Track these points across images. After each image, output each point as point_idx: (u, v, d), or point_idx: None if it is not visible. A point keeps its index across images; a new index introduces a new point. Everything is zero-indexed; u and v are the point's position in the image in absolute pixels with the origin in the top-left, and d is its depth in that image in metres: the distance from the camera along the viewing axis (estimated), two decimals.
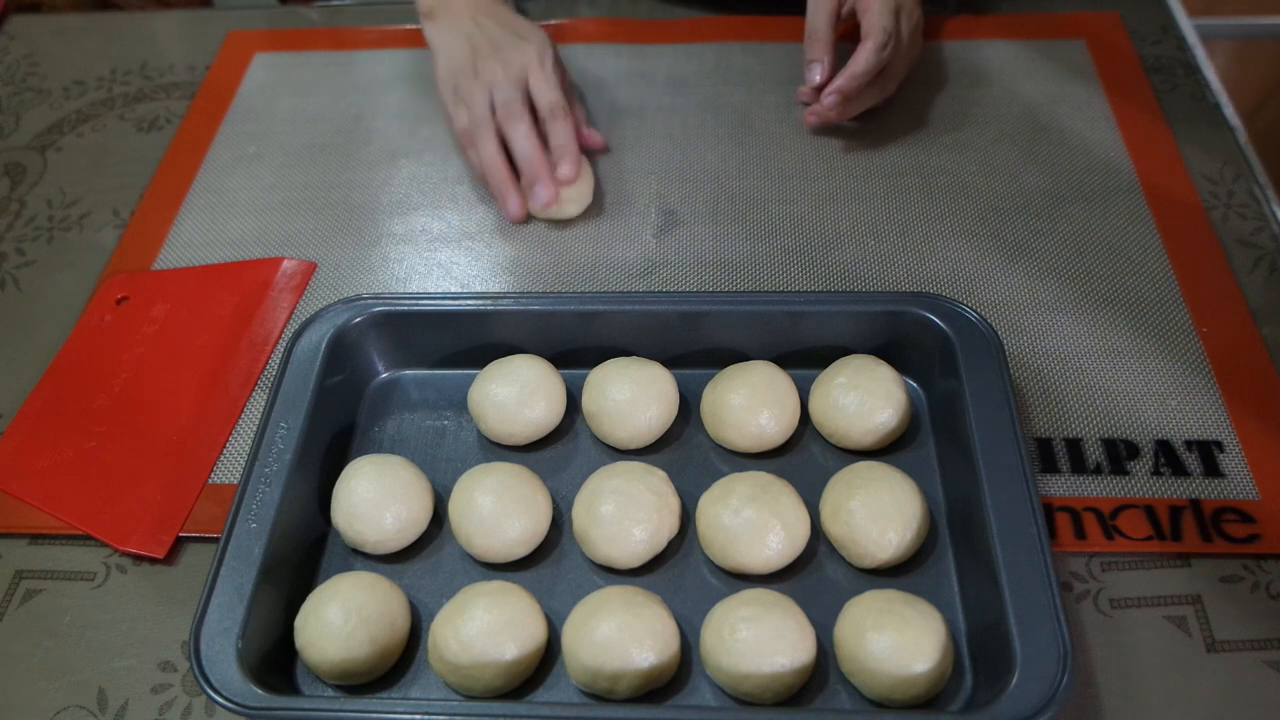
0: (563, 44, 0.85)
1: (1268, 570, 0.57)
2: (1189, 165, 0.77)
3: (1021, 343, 0.67)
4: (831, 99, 0.76)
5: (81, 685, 0.56)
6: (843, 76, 0.75)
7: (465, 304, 0.64)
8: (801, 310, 0.63)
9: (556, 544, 0.59)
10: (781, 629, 0.51)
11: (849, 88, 0.75)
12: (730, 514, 0.56)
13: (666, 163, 0.81)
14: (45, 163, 0.86)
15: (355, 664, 0.52)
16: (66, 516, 0.62)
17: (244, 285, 0.74)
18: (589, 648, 0.52)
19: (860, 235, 0.74)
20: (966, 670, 0.53)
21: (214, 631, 0.52)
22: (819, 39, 0.77)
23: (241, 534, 0.55)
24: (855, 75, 0.75)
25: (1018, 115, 0.82)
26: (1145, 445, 0.62)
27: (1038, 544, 0.52)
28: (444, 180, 0.81)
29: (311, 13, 0.99)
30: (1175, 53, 0.87)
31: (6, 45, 0.98)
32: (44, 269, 0.78)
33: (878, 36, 0.74)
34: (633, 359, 0.64)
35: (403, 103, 0.88)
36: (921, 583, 0.56)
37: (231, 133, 0.87)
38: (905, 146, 0.81)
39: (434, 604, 0.57)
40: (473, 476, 0.59)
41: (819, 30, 0.77)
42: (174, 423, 0.66)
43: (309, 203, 0.80)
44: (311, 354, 0.63)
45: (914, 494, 0.57)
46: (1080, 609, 0.56)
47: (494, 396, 0.62)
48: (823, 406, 0.61)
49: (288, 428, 0.59)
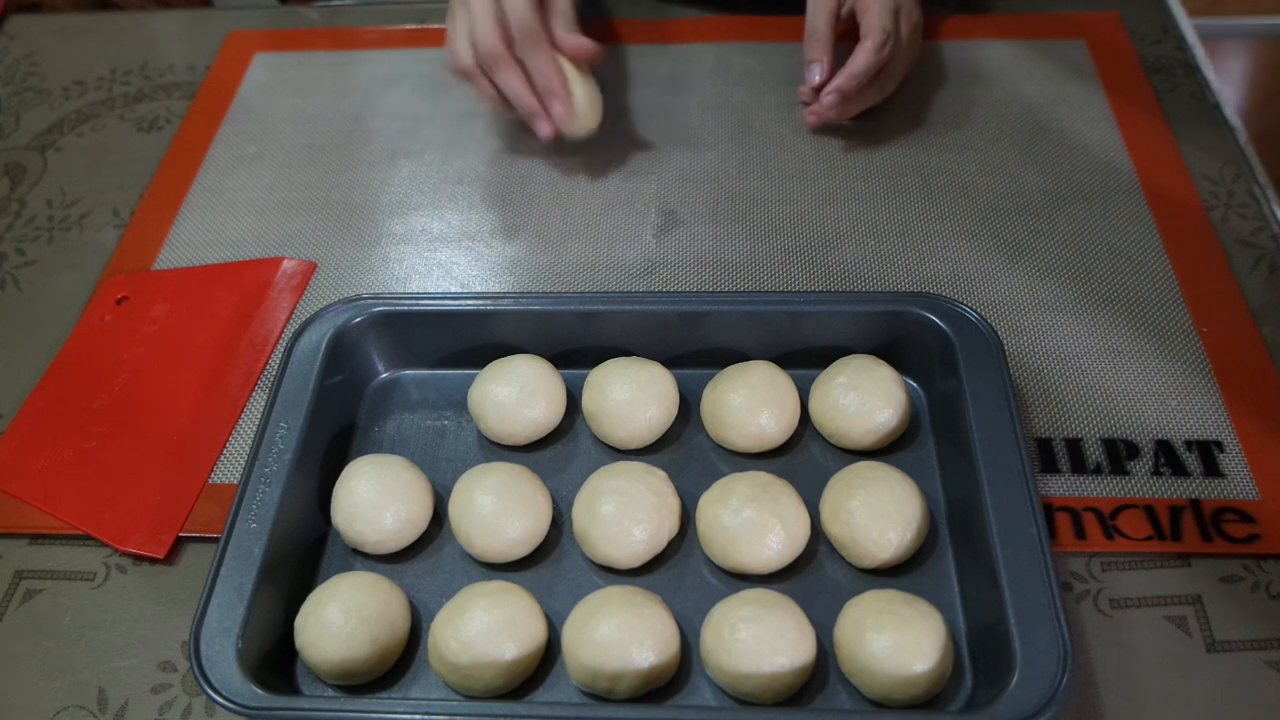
0: None
1: (1268, 570, 0.57)
2: (1189, 165, 0.77)
3: (1021, 343, 0.67)
4: (831, 98, 0.76)
5: (81, 685, 0.56)
6: (842, 76, 0.76)
7: (465, 304, 0.64)
8: (801, 310, 0.63)
9: (556, 544, 0.59)
10: (781, 629, 0.51)
11: (848, 87, 0.76)
12: (730, 514, 0.56)
13: (666, 163, 0.81)
14: (45, 163, 0.86)
15: (355, 664, 0.52)
16: (66, 516, 0.62)
17: (244, 285, 0.74)
18: (589, 648, 0.52)
19: (860, 235, 0.75)
20: (966, 670, 0.53)
21: (214, 631, 0.52)
22: (819, 39, 0.78)
23: (241, 534, 0.55)
24: (854, 74, 0.75)
25: (1018, 115, 0.82)
26: (1145, 445, 0.62)
27: (1038, 544, 0.52)
28: (444, 180, 0.81)
29: (311, 13, 0.99)
30: (1175, 53, 0.87)
31: (6, 45, 0.98)
32: (44, 269, 0.78)
33: (876, 36, 0.74)
34: (633, 359, 0.64)
35: (403, 103, 0.88)
36: (921, 583, 0.56)
37: (231, 133, 0.87)
38: (905, 146, 0.81)
39: (434, 604, 0.57)
40: (473, 476, 0.59)
41: (818, 30, 0.78)
42: (174, 423, 0.66)
43: (309, 203, 0.80)
44: (311, 354, 0.63)
45: (914, 494, 0.57)
46: (1080, 609, 0.56)
47: (494, 396, 0.62)
48: (823, 406, 0.61)
49: (288, 428, 0.59)
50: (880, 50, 0.75)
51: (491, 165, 0.82)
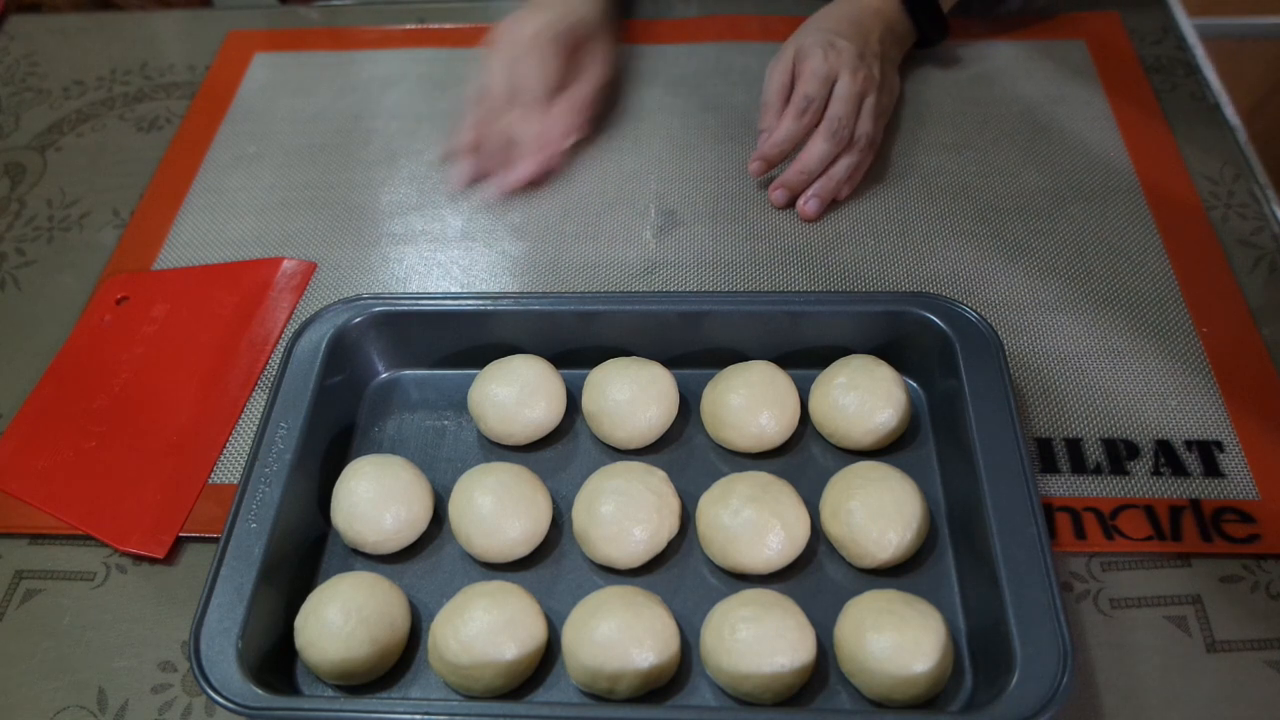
0: None
1: (1268, 570, 0.57)
2: (1189, 165, 0.77)
3: (1021, 343, 0.67)
4: (778, 194, 0.76)
5: (81, 685, 0.56)
6: (790, 170, 0.75)
7: (465, 304, 0.64)
8: (801, 310, 0.63)
9: (556, 544, 0.59)
10: (781, 629, 0.51)
11: (792, 180, 0.75)
12: (730, 514, 0.56)
13: (666, 163, 0.81)
14: (45, 163, 0.86)
15: (355, 664, 0.52)
16: (66, 516, 0.62)
17: (244, 285, 0.74)
18: (589, 648, 0.52)
19: (860, 235, 0.74)
20: (966, 670, 0.53)
21: (214, 631, 0.52)
22: (769, 109, 0.76)
23: (241, 534, 0.55)
24: (803, 169, 0.74)
25: (1018, 115, 0.82)
26: (1145, 445, 0.62)
27: (1038, 544, 0.52)
28: (444, 180, 0.81)
29: (311, 13, 0.99)
30: (1175, 53, 0.87)
31: (6, 45, 0.98)
32: (44, 269, 0.78)
33: (798, 104, 0.73)
34: (633, 359, 0.64)
35: (403, 103, 0.88)
36: (921, 583, 0.56)
37: (231, 133, 0.87)
38: (905, 146, 0.81)
39: (434, 604, 0.57)
40: (473, 476, 0.59)
41: (769, 101, 0.77)
42: (174, 423, 0.66)
43: (309, 203, 0.80)
44: (311, 354, 0.63)
45: (914, 494, 0.57)
46: (1080, 609, 0.56)
47: (494, 396, 0.62)
48: (823, 406, 0.61)
49: (288, 428, 0.59)
50: (800, 117, 0.73)
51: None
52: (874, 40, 0.77)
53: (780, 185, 0.76)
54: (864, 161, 0.76)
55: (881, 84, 0.77)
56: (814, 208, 0.75)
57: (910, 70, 0.86)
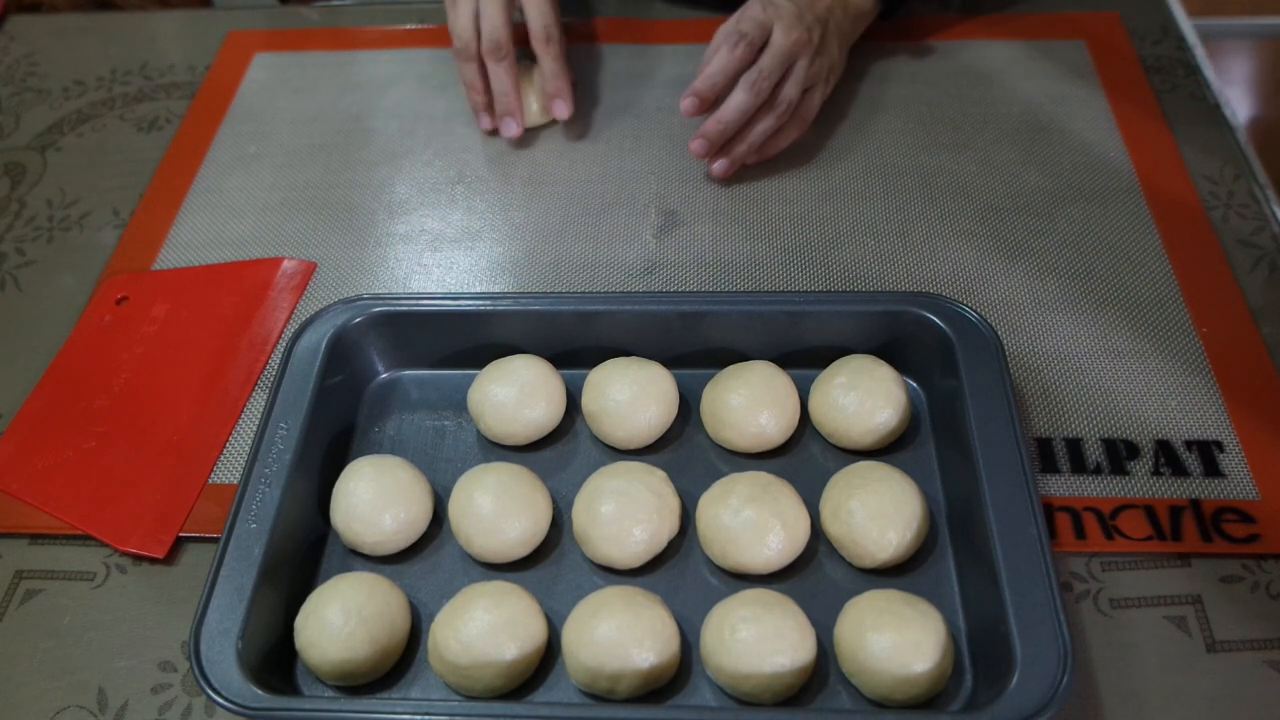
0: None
1: (1268, 570, 0.57)
2: (1189, 165, 0.77)
3: (1021, 343, 0.67)
4: (698, 144, 0.74)
5: (81, 685, 0.56)
6: (709, 121, 0.73)
7: (465, 304, 0.64)
8: (801, 310, 0.63)
9: (556, 544, 0.59)
10: (781, 629, 0.51)
11: (710, 131, 0.73)
12: (730, 514, 0.56)
13: (666, 163, 0.81)
14: (45, 163, 0.86)
15: (355, 665, 0.52)
16: (66, 516, 0.62)
17: (244, 285, 0.74)
18: (589, 648, 0.52)
19: (860, 235, 0.74)
20: (966, 670, 0.53)
21: (214, 632, 0.52)
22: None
23: (241, 534, 0.55)
24: (719, 119, 0.73)
25: (1018, 115, 0.82)
26: (1145, 445, 0.62)
27: (1038, 544, 0.52)
28: (444, 180, 0.81)
29: (311, 13, 0.99)
30: (1175, 53, 0.87)
31: (6, 45, 0.98)
32: (44, 269, 0.78)
33: (730, 38, 0.72)
34: (633, 359, 0.64)
35: (403, 103, 0.88)
36: (921, 583, 0.56)
37: (231, 133, 0.87)
38: (905, 146, 0.81)
39: (434, 604, 0.57)
40: (473, 476, 0.59)
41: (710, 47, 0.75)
42: (174, 423, 0.66)
43: (309, 203, 0.80)
44: (311, 354, 0.63)
45: (914, 494, 0.57)
46: (1080, 609, 0.56)
47: (494, 397, 0.62)
48: (823, 406, 0.61)
49: (288, 428, 0.59)
50: (733, 49, 0.71)
51: (491, 165, 0.82)
52: (820, 6, 0.76)
53: (700, 135, 0.74)
54: (786, 130, 0.75)
55: (819, 50, 0.75)
56: (721, 168, 0.74)
57: (910, 70, 0.86)
